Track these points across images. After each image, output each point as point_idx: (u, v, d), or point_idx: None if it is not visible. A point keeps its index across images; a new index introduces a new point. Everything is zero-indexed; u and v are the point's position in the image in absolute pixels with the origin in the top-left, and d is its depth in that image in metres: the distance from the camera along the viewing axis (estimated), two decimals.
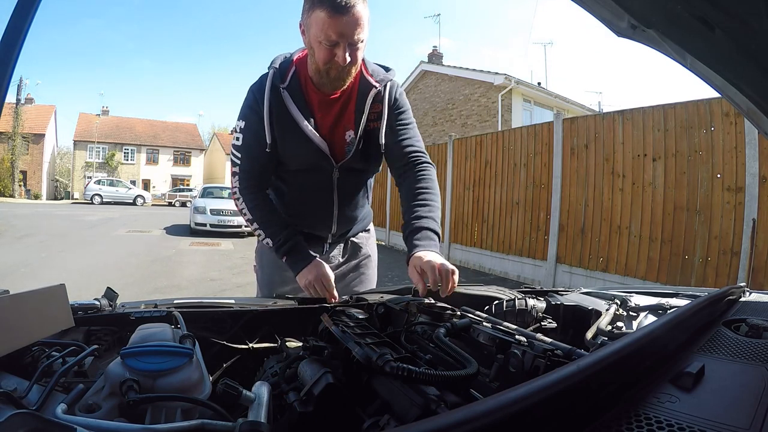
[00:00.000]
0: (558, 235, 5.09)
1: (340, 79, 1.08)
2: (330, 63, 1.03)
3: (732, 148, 3.56)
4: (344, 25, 0.97)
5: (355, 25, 0.98)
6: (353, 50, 1.02)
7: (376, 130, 1.17)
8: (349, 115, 1.16)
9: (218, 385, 0.52)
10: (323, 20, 0.96)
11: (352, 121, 1.16)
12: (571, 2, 0.57)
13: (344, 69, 1.04)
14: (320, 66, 1.05)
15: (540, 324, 1.00)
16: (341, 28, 0.97)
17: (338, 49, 1.00)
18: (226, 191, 12.14)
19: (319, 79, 1.10)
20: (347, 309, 0.92)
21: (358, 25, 0.98)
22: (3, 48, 0.51)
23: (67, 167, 34.25)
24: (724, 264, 3.58)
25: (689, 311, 0.65)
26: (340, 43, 0.99)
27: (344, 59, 1.00)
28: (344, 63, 1.01)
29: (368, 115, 1.15)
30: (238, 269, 6.20)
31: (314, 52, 1.04)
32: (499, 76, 11.03)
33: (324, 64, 1.03)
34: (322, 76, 1.07)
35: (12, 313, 0.57)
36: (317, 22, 0.98)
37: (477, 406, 0.32)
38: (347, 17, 0.96)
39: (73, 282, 4.42)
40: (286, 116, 1.11)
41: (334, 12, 0.95)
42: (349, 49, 1.00)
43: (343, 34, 0.98)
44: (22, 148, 25.51)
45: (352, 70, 1.08)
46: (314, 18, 0.98)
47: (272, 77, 1.10)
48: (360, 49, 1.03)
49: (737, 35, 0.49)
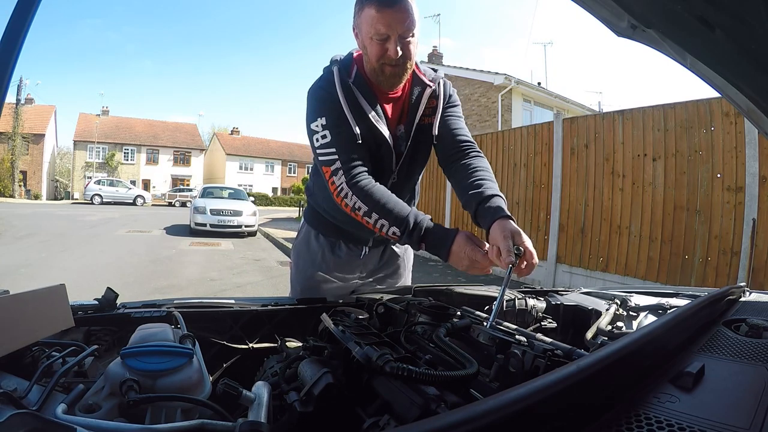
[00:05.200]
0: (558, 235, 5.09)
1: (396, 76, 1.09)
2: (383, 58, 1.05)
3: (732, 148, 3.56)
4: (392, 18, 1.01)
5: (404, 18, 1.02)
6: (405, 44, 1.04)
7: (429, 125, 1.19)
8: (405, 111, 1.19)
9: (218, 385, 0.52)
10: (372, 16, 1.01)
11: (405, 117, 1.19)
12: (571, 2, 0.57)
13: (398, 65, 1.06)
14: (374, 63, 1.07)
15: (540, 324, 1.01)
16: (389, 21, 1.01)
17: (389, 43, 1.03)
18: (226, 191, 12.15)
19: (376, 78, 1.11)
20: (347, 309, 0.92)
21: (407, 17, 1.02)
22: (3, 48, 0.51)
23: (67, 167, 34.29)
24: (724, 264, 3.58)
25: (689, 311, 0.65)
26: (390, 36, 1.02)
27: (395, 52, 1.03)
28: (396, 56, 1.03)
29: (423, 110, 1.17)
30: (238, 269, 6.20)
31: (367, 50, 1.07)
32: (499, 76, 11.02)
33: (377, 60, 1.06)
34: (378, 74, 1.09)
35: (12, 313, 0.57)
36: (367, 19, 1.02)
37: (477, 406, 0.32)
38: (394, 10, 1.00)
39: (73, 282, 4.41)
40: (359, 110, 1.10)
41: (381, 6, 1.00)
42: (400, 42, 1.03)
43: (392, 26, 1.01)
44: (22, 148, 25.50)
45: (407, 65, 1.09)
46: (364, 16, 1.03)
47: (339, 73, 1.10)
48: (412, 43, 1.06)
49: (737, 35, 0.49)
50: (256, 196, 23.62)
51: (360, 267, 1.35)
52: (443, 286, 1.13)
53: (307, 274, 1.33)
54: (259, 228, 11.11)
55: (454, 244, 0.94)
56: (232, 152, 34.65)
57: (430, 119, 1.19)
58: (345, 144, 1.07)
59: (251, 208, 10.75)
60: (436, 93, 1.19)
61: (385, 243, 1.36)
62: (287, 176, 36.84)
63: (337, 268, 1.32)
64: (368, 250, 1.33)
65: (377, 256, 1.37)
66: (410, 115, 1.18)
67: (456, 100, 1.25)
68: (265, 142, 38.45)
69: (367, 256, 1.34)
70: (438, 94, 1.19)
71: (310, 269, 1.32)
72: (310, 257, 1.32)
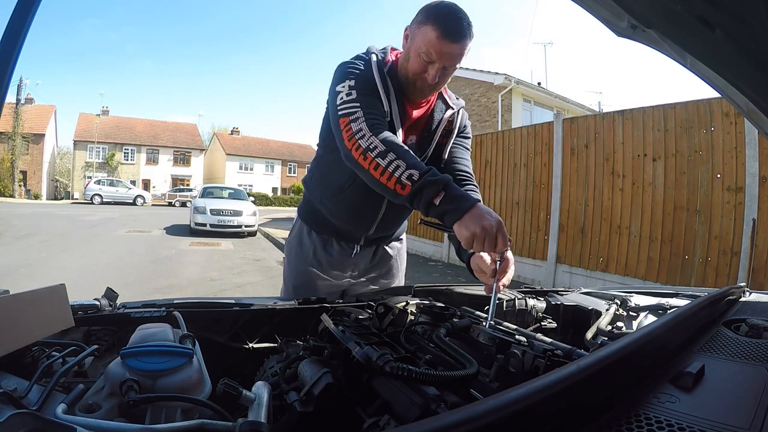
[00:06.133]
0: (558, 235, 5.09)
1: (422, 93, 1.11)
2: (419, 76, 1.06)
3: (732, 148, 3.56)
4: (449, 51, 1.00)
5: (458, 55, 1.02)
6: (444, 73, 1.05)
7: (443, 146, 1.21)
8: (421, 124, 1.19)
9: (218, 385, 0.52)
10: (432, 38, 0.99)
11: (420, 129, 1.19)
12: (571, 2, 0.57)
13: (429, 86, 1.07)
14: (409, 75, 1.08)
15: (540, 324, 1.01)
16: (445, 52, 1.00)
17: (432, 68, 1.03)
18: (226, 191, 12.14)
19: (404, 85, 1.12)
20: (347, 309, 0.92)
21: (461, 55, 1.02)
22: (3, 48, 0.51)
23: (67, 167, 34.26)
24: (724, 264, 3.58)
25: (689, 311, 0.65)
26: (437, 63, 1.02)
27: (434, 78, 1.04)
28: (433, 81, 1.05)
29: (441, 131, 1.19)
30: (238, 269, 6.20)
31: (410, 59, 1.06)
32: (499, 76, 11.02)
33: (414, 74, 1.06)
34: (408, 84, 1.10)
35: (12, 313, 0.57)
36: (425, 36, 1.00)
37: (477, 406, 0.32)
38: (455, 45, 1.00)
39: (73, 282, 4.41)
40: (389, 96, 1.09)
41: (444, 37, 0.98)
42: (442, 71, 1.04)
43: (444, 57, 1.01)
44: (22, 148, 25.48)
45: (435, 89, 1.12)
46: (424, 31, 1.01)
47: (377, 59, 1.10)
48: (449, 74, 1.07)
49: (737, 35, 0.49)
50: (256, 196, 23.60)
51: (351, 266, 1.36)
52: (443, 286, 1.13)
53: (298, 270, 1.34)
54: (259, 228, 11.11)
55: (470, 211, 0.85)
56: (232, 152, 34.64)
57: (445, 140, 1.21)
58: (370, 105, 1.02)
59: (251, 208, 10.74)
60: (453, 117, 1.21)
61: (376, 243, 1.37)
62: (287, 176, 36.83)
63: (328, 266, 1.33)
64: (359, 249, 1.34)
65: (369, 255, 1.37)
66: (425, 131, 1.19)
67: (469, 132, 1.29)
68: (265, 142, 38.44)
69: (359, 255, 1.34)
70: (455, 119, 1.22)
71: (302, 265, 1.33)
72: (302, 254, 1.33)
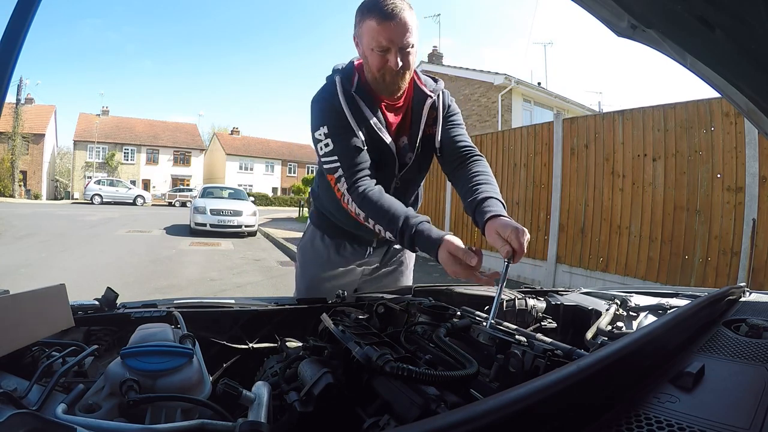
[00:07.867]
0: (558, 235, 5.08)
1: (395, 84, 1.12)
2: (383, 69, 1.08)
3: (732, 148, 3.56)
4: (393, 31, 1.03)
5: (404, 30, 1.04)
6: (404, 55, 1.07)
7: (432, 136, 1.22)
8: (407, 122, 1.21)
9: (218, 385, 0.52)
10: (373, 28, 1.03)
11: (407, 128, 1.21)
12: (571, 2, 0.57)
13: (398, 74, 1.09)
14: (375, 73, 1.10)
15: (540, 324, 1.01)
16: (390, 33, 1.03)
17: (390, 55, 1.06)
18: (226, 191, 12.14)
19: (377, 86, 1.14)
20: (347, 309, 0.92)
21: (407, 30, 1.04)
22: (3, 48, 0.51)
23: (67, 167, 34.26)
24: (724, 264, 3.58)
25: (689, 311, 0.65)
26: (391, 48, 1.05)
27: (396, 64, 1.06)
28: (396, 68, 1.07)
29: (425, 121, 1.20)
30: (238, 269, 6.20)
31: (368, 60, 1.09)
32: (499, 76, 11.02)
33: (378, 70, 1.08)
34: (379, 82, 1.12)
35: (12, 313, 0.57)
36: (368, 31, 1.05)
37: (477, 406, 0.32)
38: (395, 23, 1.02)
39: (73, 282, 4.41)
40: (362, 117, 1.13)
41: (382, 19, 1.02)
42: (400, 54, 1.06)
43: (393, 39, 1.04)
44: (22, 148, 25.48)
45: (406, 75, 1.12)
46: (365, 28, 1.05)
47: (341, 83, 1.13)
48: (411, 53, 1.09)
49: (737, 35, 0.49)
50: (256, 196, 23.61)
51: (365, 265, 1.40)
52: (443, 286, 1.13)
53: (311, 274, 1.37)
54: (259, 228, 11.11)
55: (439, 255, 0.93)
56: (232, 152, 34.64)
57: (432, 130, 1.22)
58: (347, 152, 1.10)
59: (251, 208, 10.75)
60: (435, 105, 1.22)
61: (389, 243, 1.40)
62: (287, 176, 36.83)
63: (342, 267, 1.36)
64: (372, 251, 1.37)
65: (381, 254, 1.41)
66: (413, 127, 1.20)
67: (455, 108, 1.27)
68: (265, 142, 38.44)
69: (371, 255, 1.38)
70: (438, 105, 1.22)
71: (315, 269, 1.36)
72: (316, 258, 1.37)
